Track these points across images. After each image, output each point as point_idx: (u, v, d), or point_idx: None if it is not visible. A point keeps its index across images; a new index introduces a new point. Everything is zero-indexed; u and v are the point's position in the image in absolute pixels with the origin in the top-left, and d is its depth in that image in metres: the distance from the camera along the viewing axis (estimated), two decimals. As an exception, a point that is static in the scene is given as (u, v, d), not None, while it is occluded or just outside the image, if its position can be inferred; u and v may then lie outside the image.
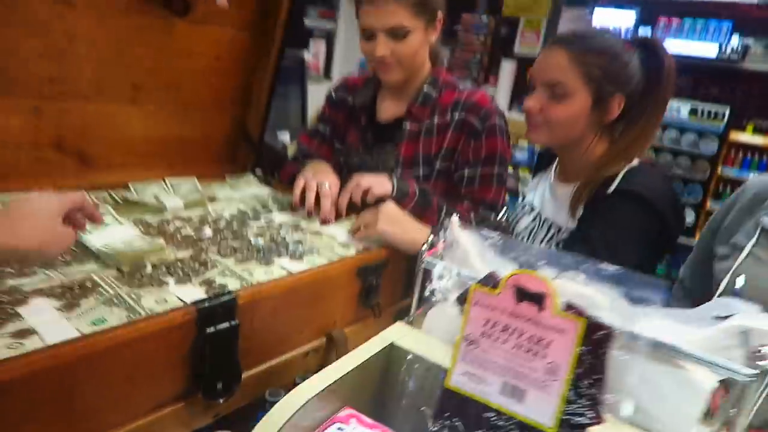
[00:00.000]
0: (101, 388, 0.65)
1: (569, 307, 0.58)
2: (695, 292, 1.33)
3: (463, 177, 1.27)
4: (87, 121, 1.17)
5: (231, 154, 1.44)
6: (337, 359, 0.93)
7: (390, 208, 1.06)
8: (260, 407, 0.79)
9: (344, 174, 1.35)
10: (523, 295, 0.61)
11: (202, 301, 0.73)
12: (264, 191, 1.31)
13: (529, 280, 0.60)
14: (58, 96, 1.11)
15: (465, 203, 1.26)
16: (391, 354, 0.68)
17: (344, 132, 1.43)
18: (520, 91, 4.20)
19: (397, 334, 0.70)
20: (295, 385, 0.82)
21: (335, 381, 0.59)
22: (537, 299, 0.60)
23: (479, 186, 1.26)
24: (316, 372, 0.93)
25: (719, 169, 3.77)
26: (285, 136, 2.12)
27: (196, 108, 1.35)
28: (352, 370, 0.62)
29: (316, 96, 2.89)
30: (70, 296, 0.74)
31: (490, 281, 0.63)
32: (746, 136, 3.68)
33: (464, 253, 0.75)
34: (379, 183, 1.13)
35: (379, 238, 1.04)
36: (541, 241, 1.23)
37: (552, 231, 1.22)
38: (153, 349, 0.69)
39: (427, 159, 1.29)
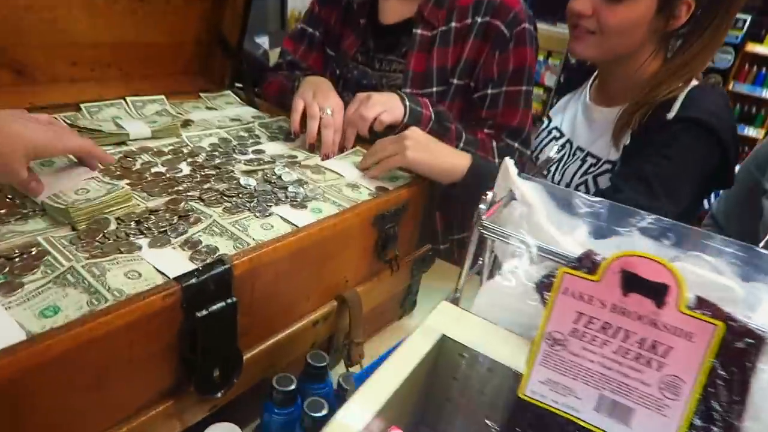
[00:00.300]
0: (58, 402, 0.49)
1: (701, 304, 0.43)
2: (730, 230, 1.21)
3: (486, 96, 1.07)
4: (17, 19, 0.91)
5: (204, 65, 1.19)
6: (351, 324, 0.79)
7: (417, 133, 0.88)
8: (266, 394, 0.64)
9: (339, 88, 1.14)
10: (633, 284, 0.45)
11: (189, 275, 0.56)
12: (247, 112, 1.09)
13: (644, 264, 0.45)
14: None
15: (486, 128, 1.08)
16: (441, 347, 0.53)
17: (338, 36, 1.19)
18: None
19: (446, 320, 0.55)
20: (307, 363, 0.68)
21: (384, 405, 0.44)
22: (654, 291, 0.45)
23: (504, 107, 1.07)
24: (327, 341, 0.80)
25: (731, 84, 3.57)
26: (263, 42, 1.81)
27: (157, 3, 1.09)
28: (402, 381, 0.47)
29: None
30: (9, 271, 0.55)
31: (586, 263, 0.47)
32: (764, 49, 3.46)
33: (528, 214, 0.58)
34: (388, 109, 0.93)
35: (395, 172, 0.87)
36: (573, 175, 1.07)
37: (588, 162, 1.05)
38: (126, 345, 0.52)
39: (442, 73, 1.08)
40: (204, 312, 0.57)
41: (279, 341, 0.69)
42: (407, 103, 0.95)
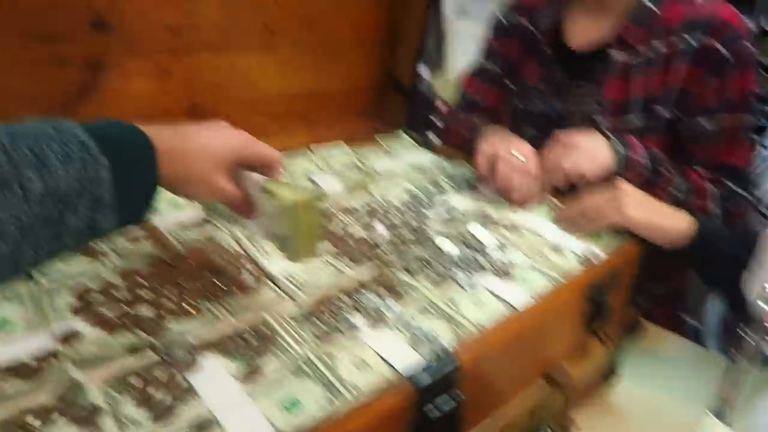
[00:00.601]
0: None
1: None
2: None
3: (700, 130, 0.94)
4: (218, 77, 0.97)
5: (379, 107, 1.20)
6: (565, 406, 0.73)
7: (630, 187, 0.80)
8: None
9: (523, 122, 1.07)
10: None
11: (421, 373, 0.54)
12: (427, 158, 1.07)
13: None
14: (185, 50, 0.91)
15: (699, 169, 0.95)
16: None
17: (519, 67, 1.12)
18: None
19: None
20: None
21: None
22: None
23: (723, 143, 0.93)
24: (536, 424, 0.75)
25: None
26: (425, 73, 1.78)
27: (336, 51, 1.11)
28: None
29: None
30: (247, 356, 0.57)
31: None
32: None
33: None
34: (591, 156, 0.85)
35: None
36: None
37: None
38: (364, 446, 0.51)
39: (645, 102, 0.96)
40: (433, 409, 0.54)
41: (493, 429, 0.65)
42: (615, 149, 0.86)
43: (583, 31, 1.02)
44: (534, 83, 1.08)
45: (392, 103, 1.19)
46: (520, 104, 1.10)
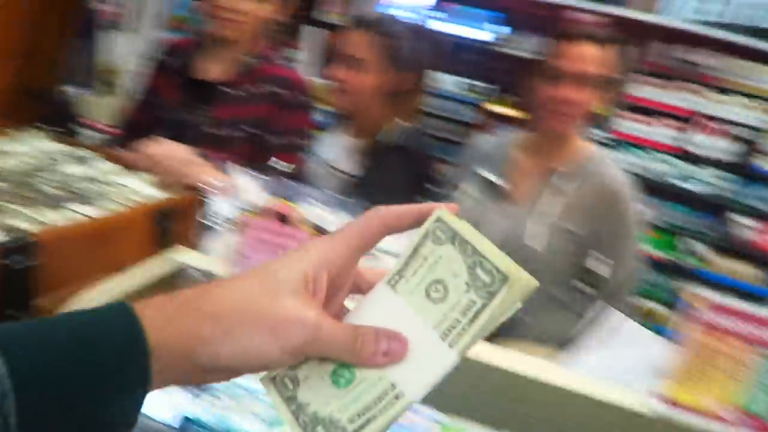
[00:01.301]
0: None
1: (312, 225, 0.83)
2: None
3: (273, 144, 1.48)
4: None
5: (13, 109, 1.41)
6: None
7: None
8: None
9: (161, 129, 1.46)
10: (280, 217, 0.83)
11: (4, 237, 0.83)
12: (54, 146, 1.34)
13: (283, 207, 0.83)
14: None
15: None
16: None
17: (163, 91, 1.55)
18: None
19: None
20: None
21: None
22: (287, 219, 0.83)
23: (283, 153, 1.47)
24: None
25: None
26: (71, 90, 2.08)
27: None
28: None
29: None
30: None
31: (258, 209, 0.84)
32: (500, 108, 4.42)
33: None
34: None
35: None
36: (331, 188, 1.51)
37: (343, 177, 1.51)
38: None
39: (240, 122, 1.47)
40: (12, 263, 0.83)
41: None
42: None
43: (209, 70, 1.51)
44: (172, 102, 1.51)
45: (26, 107, 1.42)
46: (161, 116, 1.51)
